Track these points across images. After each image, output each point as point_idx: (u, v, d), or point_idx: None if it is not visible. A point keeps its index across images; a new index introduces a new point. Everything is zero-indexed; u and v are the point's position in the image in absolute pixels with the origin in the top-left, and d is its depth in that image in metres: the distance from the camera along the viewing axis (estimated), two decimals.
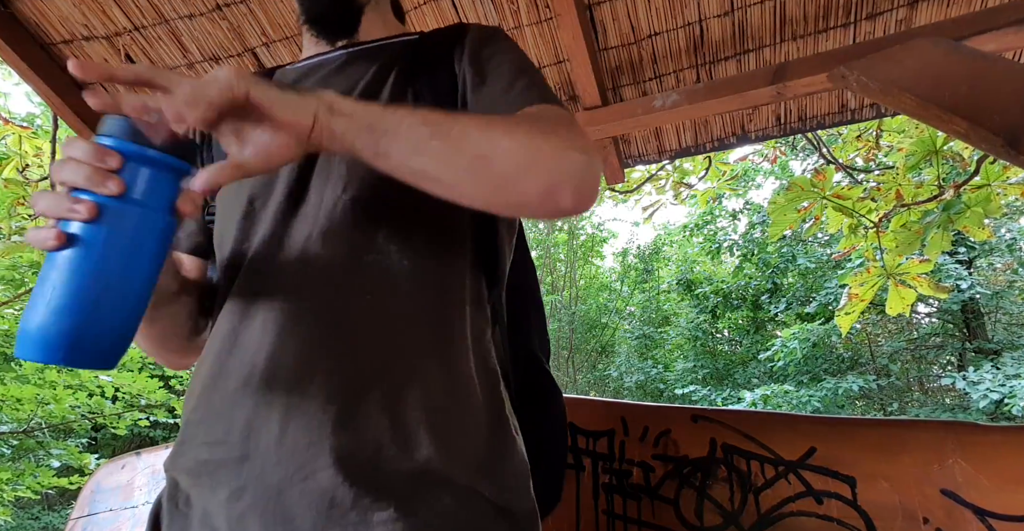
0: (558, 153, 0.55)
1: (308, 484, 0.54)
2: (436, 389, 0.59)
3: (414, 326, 0.61)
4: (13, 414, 4.98)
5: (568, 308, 14.19)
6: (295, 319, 0.60)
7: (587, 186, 0.56)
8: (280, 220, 0.66)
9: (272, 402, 0.57)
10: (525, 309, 0.82)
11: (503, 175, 0.54)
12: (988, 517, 0.96)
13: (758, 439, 1.17)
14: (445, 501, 0.55)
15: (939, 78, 1.12)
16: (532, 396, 0.78)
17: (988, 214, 2.56)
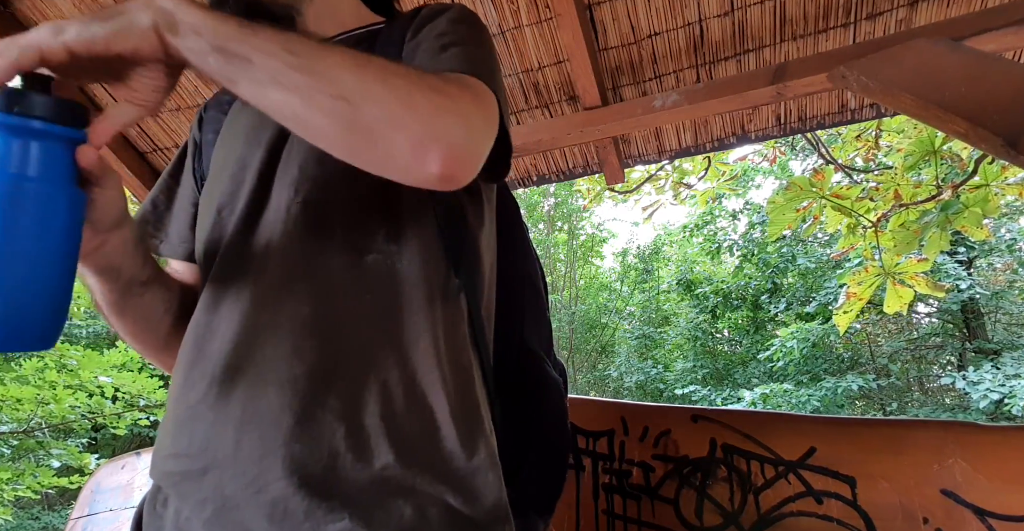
0: (436, 111, 0.50)
1: (262, 496, 0.53)
2: (397, 393, 0.57)
3: (371, 328, 0.59)
4: (13, 414, 4.99)
5: (568, 308, 14.18)
6: (250, 331, 0.60)
7: (462, 154, 0.51)
8: (243, 229, 0.65)
9: (228, 414, 0.57)
10: (519, 298, 0.79)
11: (368, 123, 0.48)
12: (988, 517, 0.96)
13: (758, 439, 1.17)
14: (405, 511, 0.54)
15: (939, 78, 1.12)
16: (523, 389, 0.75)
17: (986, 214, 2.56)
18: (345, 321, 0.59)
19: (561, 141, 1.73)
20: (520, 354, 0.77)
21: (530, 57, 1.71)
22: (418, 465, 0.56)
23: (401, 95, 0.49)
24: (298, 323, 0.59)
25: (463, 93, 0.54)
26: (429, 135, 0.50)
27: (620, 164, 1.99)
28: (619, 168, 2.00)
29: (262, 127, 0.69)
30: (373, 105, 0.48)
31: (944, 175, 2.87)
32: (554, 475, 0.77)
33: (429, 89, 0.51)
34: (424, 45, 0.65)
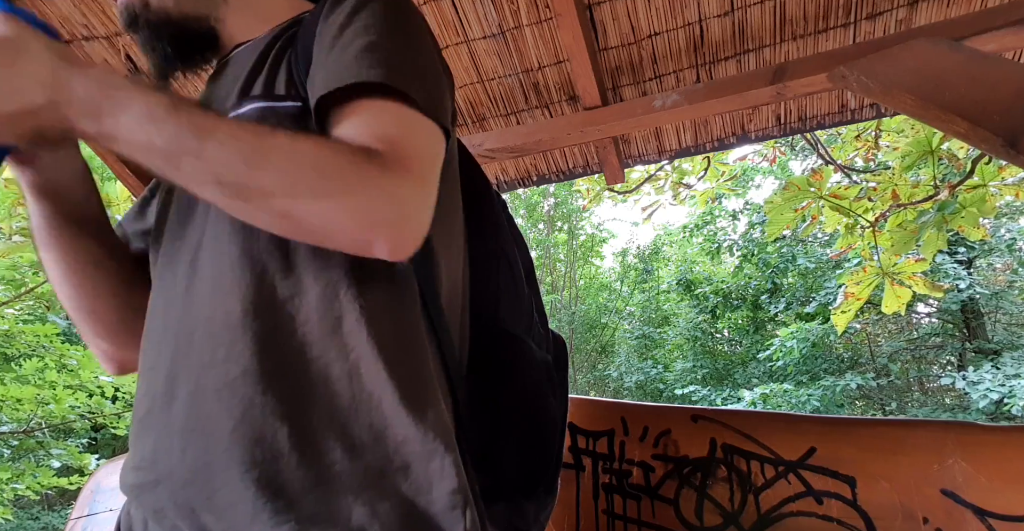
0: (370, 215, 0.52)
1: (212, 503, 0.54)
2: (341, 387, 0.56)
3: (308, 322, 0.57)
4: (13, 414, 4.98)
5: (568, 308, 14.18)
6: (186, 336, 0.60)
7: (405, 238, 0.54)
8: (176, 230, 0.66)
9: (173, 424, 0.57)
10: (493, 276, 0.77)
11: (310, 231, 0.53)
12: (988, 517, 0.96)
13: (758, 439, 1.17)
14: (355, 509, 0.53)
15: (939, 78, 1.12)
16: (499, 371, 0.73)
17: (983, 214, 2.57)
18: (280, 317, 0.58)
19: (561, 141, 1.73)
20: (494, 336, 0.74)
21: (530, 57, 1.71)
22: (367, 459, 0.54)
23: (336, 208, 0.51)
24: (231, 323, 0.57)
25: (387, 174, 0.53)
26: (370, 235, 0.53)
27: (620, 164, 1.99)
28: (619, 168, 2.00)
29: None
30: (312, 220, 0.52)
31: (942, 175, 2.87)
32: (538, 456, 0.75)
33: (357, 191, 0.52)
34: (330, 43, 0.61)
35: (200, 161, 0.49)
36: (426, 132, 0.59)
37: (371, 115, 0.57)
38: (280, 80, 0.65)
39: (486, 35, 1.66)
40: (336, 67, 0.58)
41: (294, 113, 0.62)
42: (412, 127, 0.58)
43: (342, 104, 0.58)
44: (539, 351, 0.78)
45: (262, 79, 0.66)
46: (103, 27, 1.72)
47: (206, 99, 0.76)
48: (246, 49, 0.75)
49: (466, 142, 1.81)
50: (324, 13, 0.65)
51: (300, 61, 0.64)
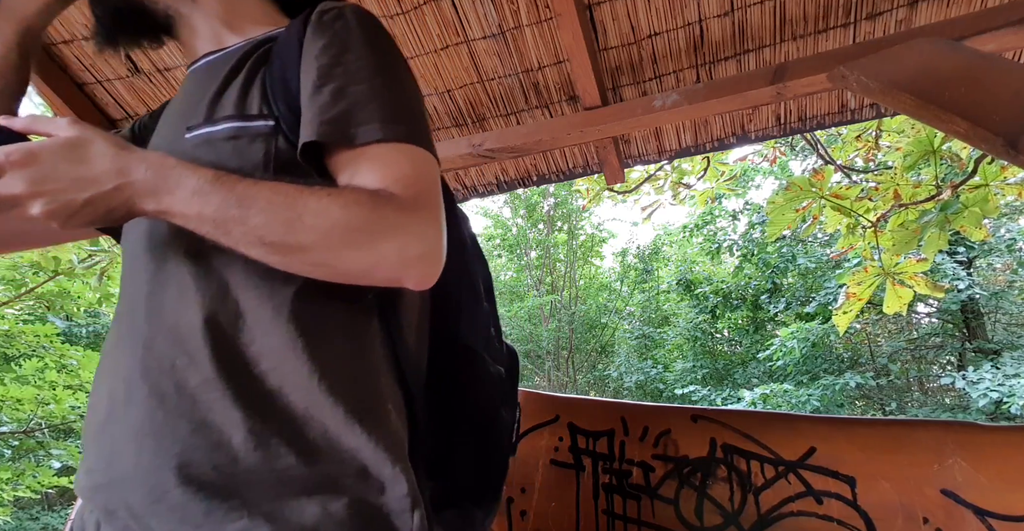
0: (399, 255, 0.58)
1: (162, 505, 0.56)
2: (296, 397, 0.59)
3: (266, 334, 0.61)
4: (13, 414, 4.98)
5: (568, 308, 14.18)
6: (146, 342, 0.62)
7: (431, 268, 0.60)
8: (141, 239, 0.68)
9: (128, 428, 0.60)
10: (455, 293, 0.80)
11: (344, 275, 0.59)
12: (988, 517, 0.96)
13: (758, 439, 1.17)
14: (308, 508, 0.56)
15: (939, 78, 1.12)
16: (455, 384, 0.77)
17: (985, 214, 2.56)
18: (239, 330, 0.61)
19: (561, 141, 1.73)
20: (452, 350, 0.78)
21: (530, 57, 1.71)
22: (321, 464, 0.57)
23: (367, 253, 0.57)
24: (193, 332, 0.60)
25: (407, 215, 0.59)
26: (399, 272, 0.59)
27: (620, 164, 1.99)
28: (619, 168, 2.00)
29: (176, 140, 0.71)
30: (346, 266, 0.58)
31: (943, 175, 2.87)
32: (489, 466, 0.79)
33: (385, 235, 0.58)
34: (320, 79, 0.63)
35: (245, 227, 0.56)
36: (427, 165, 0.64)
37: (381, 159, 0.62)
38: (253, 99, 0.67)
39: (486, 35, 1.66)
40: (337, 112, 0.62)
41: (265, 132, 0.65)
42: (416, 164, 0.63)
43: (346, 147, 0.62)
44: (493, 365, 0.82)
45: (235, 97, 0.68)
46: None
47: (175, 105, 0.78)
48: (216, 60, 0.75)
49: (466, 142, 1.81)
50: (307, 39, 0.67)
51: (276, 81, 0.67)
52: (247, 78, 0.69)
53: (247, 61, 0.71)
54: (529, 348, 13.37)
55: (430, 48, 1.71)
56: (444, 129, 1.94)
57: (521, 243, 14.76)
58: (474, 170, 2.15)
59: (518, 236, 14.69)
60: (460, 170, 2.09)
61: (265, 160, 0.64)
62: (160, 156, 0.58)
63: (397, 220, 0.58)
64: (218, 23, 0.78)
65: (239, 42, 0.76)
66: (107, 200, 0.56)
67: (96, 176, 0.56)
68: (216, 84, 0.70)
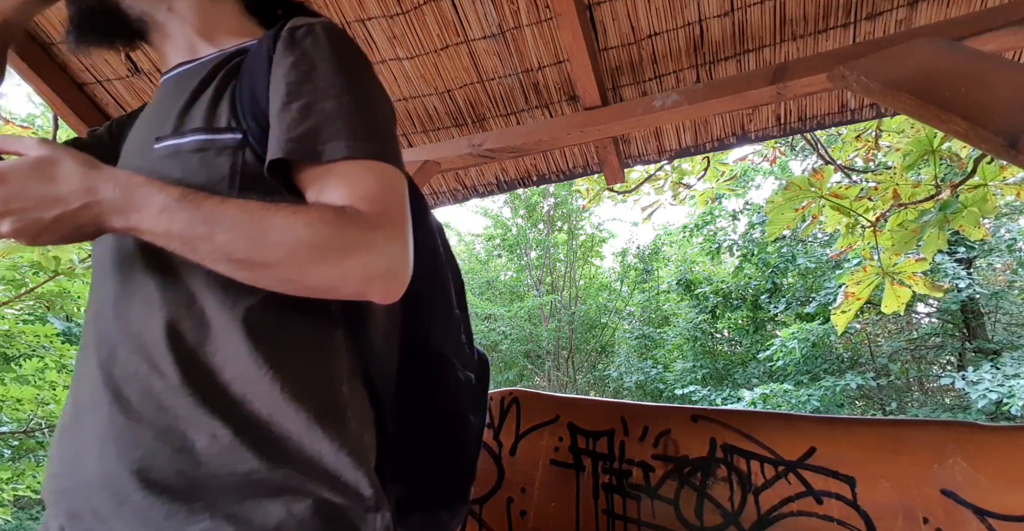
0: (365, 271, 0.60)
1: (125, 508, 0.57)
2: (260, 407, 0.60)
3: (230, 342, 0.62)
4: (13, 414, 4.98)
5: (568, 308, 14.17)
6: (112, 349, 0.63)
7: (397, 282, 0.62)
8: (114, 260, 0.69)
9: (91, 433, 0.61)
10: (427, 300, 0.81)
11: (313, 291, 0.60)
12: (988, 517, 0.96)
13: (758, 439, 1.17)
14: (271, 508, 0.57)
15: (939, 78, 1.12)
16: (426, 390, 0.79)
17: (984, 214, 2.56)
18: (203, 338, 0.62)
19: (561, 141, 1.73)
20: (424, 357, 0.80)
21: (530, 57, 1.71)
22: (286, 467, 0.59)
23: (334, 271, 0.59)
24: (158, 339, 0.61)
25: (373, 232, 0.60)
26: (365, 287, 0.60)
27: (620, 164, 1.99)
28: (619, 168, 2.00)
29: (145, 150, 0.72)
30: (314, 282, 0.59)
31: (943, 175, 2.87)
32: (457, 470, 0.81)
33: (351, 253, 0.59)
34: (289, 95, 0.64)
35: (212, 244, 0.57)
36: (394, 182, 0.65)
37: (347, 176, 0.62)
38: (222, 112, 0.68)
39: (486, 35, 1.66)
40: (304, 129, 0.62)
41: (233, 145, 0.66)
42: (383, 181, 0.64)
43: (313, 164, 0.63)
44: (463, 371, 0.84)
45: (204, 109, 0.69)
46: None
47: (147, 113, 0.78)
48: (189, 71, 0.76)
49: (466, 142, 1.82)
50: (278, 54, 0.67)
51: (245, 95, 0.68)
52: (217, 91, 0.70)
53: (218, 73, 0.72)
54: (529, 348, 13.37)
55: (430, 48, 1.71)
56: (444, 129, 1.94)
57: (521, 243, 14.75)
58: (474, 170, 2.15)
59: (518, 236, 14.68)
60: (460, 170, 2.09)
61: (231, 173, 0.65)
62: (128, 174, 0.60)
63: (362, 237, 0.59)
64: (192, 32, 0.78)
65: (212, 52, 0.77)
66: (75, 218, 0.58)
67: (64, 195, 0.57)
68: (186, 95, 0.71)
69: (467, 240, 15.62)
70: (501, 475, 1.43)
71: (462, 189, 2.23)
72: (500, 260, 15.42)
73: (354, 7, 1.63)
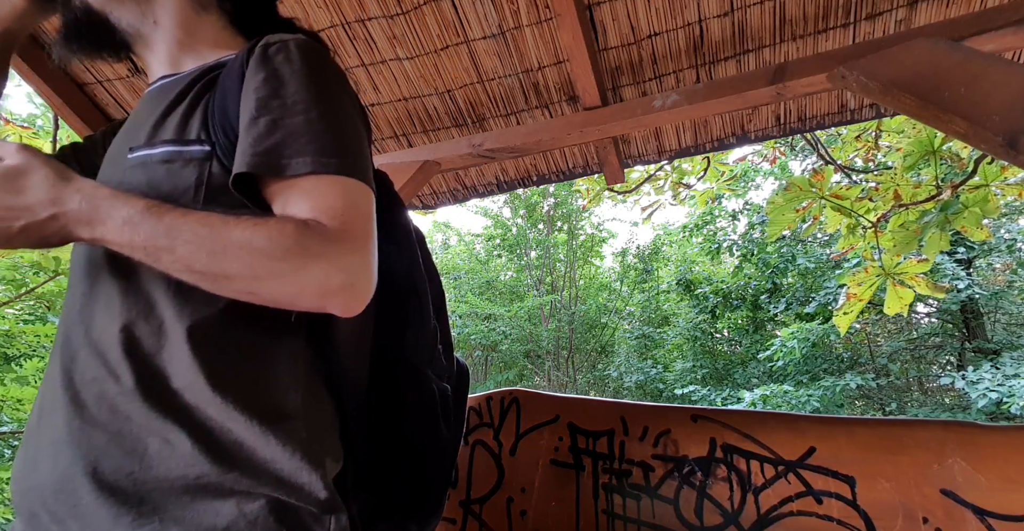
0: (322, 285, 0.59)
1: (77, 509, 0.58)
2: (213, 413, 0.61)
3: (182, 348, 0.62)
4: (13, 414, 4.98)
5: (568, 308, 14.17)
6: (71, 354, 0.65)
7: (357, 297, 0.62)
8: (84, 265, 0.70)
9: (49, 436, 0.62)
10: (401, 311, 0.83)
11: (272, 302, 0.60)
12: (987, 517, 0.96)
13: (758, 439, 1.17)
14: (222, 509, 0.57)
15: (939, 78, 1.12)
16: (398, 401, 0.79)
17: (985, 214, 2.56)
18: (159, 344, 0.63)
19: (561, 141, 1.74)
20: (396, 367, 0.80)
21: (530, 57, 1.71)
22: (237, 471, 0.59)
23: (291, 285, 0.59)
24: (114, 345, 0.62)
25: (334, 246, 0.60)
26: (324, 302, 0.60)
27: (620, 164, 1.99)
28: (619, 168, 2.00)
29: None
30: (272, 294, 0.59)
31: (944, 175, 2.86)
32: (424, 479, 0.81)
33: (309, 267, 0.59)
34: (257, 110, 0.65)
35: (173, 256, 0.58)
36: (359, 197, 0.65)
37: (311, 190, 0.63)
38: (193, 124, 0.69)
39: (486, 35, 1.66)
40: (270, 144, 0.63)
41: (200, 157, 0.67)
42: (347, 196, 0.64)
43: (278, 178, 0.64)
44: (436, 381, 0.84)
45: (176, 121, 0.70)
46: None
47: (126, 125, 0.80)
48: (168, 84, 0.78)
49: (466, 142, 1.82)
50: (250, 70, 0.68)
51: (216, 108, 0.69)
52: (191, 103, 0.71)
53: (195, 86, 0.73)
54: (529, 348, 13.37)
55: (430, 48, 1.71)
56: (444, 129, 1.94)
57: (521, 243, 14.76)
58: (474, 170, 2.15)
59: (518, 236, 14.68)
60: (460, 170, 2.09)
61: (197, 184, 0.66)
62: (94, 186, 0.61)
63: (320, 250, 0.60)
64: (175, 46, 0.80)
65: (192, 67, 0.78)
66: (41, 228, 0.60)
67: (30, 205, 0.59)
68: (162, 107, 0.72)
69: (467, 240, 15.62)
70: (501, 475, 1.43)
71: (462, 189, 2.23)
72: (500, 260, 15.41)
73: (354, 7, 1.63)
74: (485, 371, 13.71)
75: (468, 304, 12.88)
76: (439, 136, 1.95)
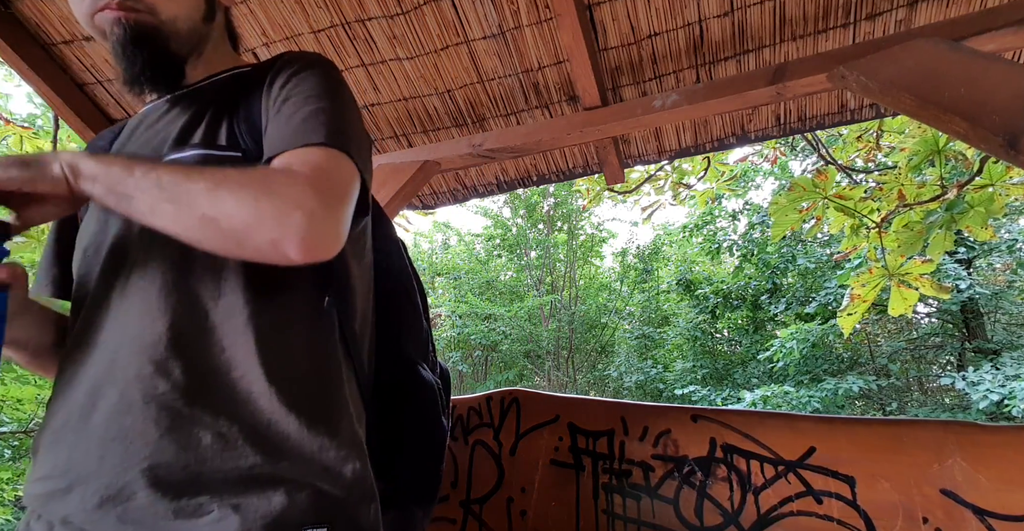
0: (280, 213, 0.59)
1: (129, 504, 0.59)
2: (262, 403, 0.63)
3: (235, 346, 0.64)
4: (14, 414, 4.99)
5: (568, 308, 14.16)
6: (111, 354, 0.65)
7: (314, 240, 0.61)
8: (109, 259, 0.71)
9: (90, 433, 0.62)
10: (397, 311, 0.88)
11: (230, 232, 0.59)
12: (988, 517, 0.96)
13: (758, 439, 1.17)
14: (274, 498, 0.60)
15: (939, 78, 1.12)
16: (399, 393, 0.85)
17: (991, 214, 2.55)
18: (208, 340, 0.64)
19: (561, 141, 1.74)
20: (397, 362, 0.86)
21: (530, 57, 1.71)
22: (287, 461, 0.62)
23: (249, 208, 0.59)
24: (160, 342, 0.63)
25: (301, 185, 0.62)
26: (279, 233, 0.60)
27: (620, 164, 1.99)
28: (619, 168, 2.00)
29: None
30: (229, 220, 0.59)
31: (948, 174, 2.85)
32: (429, 470, 0.87)
33: (269, 194, 0.60)
34: (278, 107, 0.72)
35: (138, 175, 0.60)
36: (348, 173, 0.67)
37: (308, 153, 0.66)
38: (221, 134, 0.73)
39: (486, 35, 1.66)
40: (286, 131, 0.68)
41: (231, 160, 0.71)
42: (337, 161, 0.67)
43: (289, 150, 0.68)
44: (430, 374, 0.90)
45: (202, 130, 0.74)
46: None
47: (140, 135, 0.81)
48: (185, 96, 0.81)
49: (466, 142, 1.82)
50: (268, 85, 0.75)
51: (241, 117, 0.75)
52: (214, 117, 0.75)
53: (211, 102, 0.78)
54: (529, 348, 13.36)
55: (430, 48, 1.71)
56: (444, 129, 1.94)
57: (521, 243, 14.75)
58: (474, 170, 2.15)
59: (518, 236, 14.68)
60: (460, 170, 2.09)
61: None
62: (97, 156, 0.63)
63: (283, 186, 0.61)
64: (203, 61, 0.84)
65: (201, 78, 0.83)
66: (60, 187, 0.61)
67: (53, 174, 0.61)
68: (183, 119, 0.76)
69: (467, 240, 15.61)
70: (501, 475, 1.43)
71: (462, 189, 2.23)
72: (500, 260, 15.41)
73: (354, 7, 1.63)
74: (485, 371, 13.70)
75: (468, 304, 12.87)
76: (439, 136, 1.95)
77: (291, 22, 1.67)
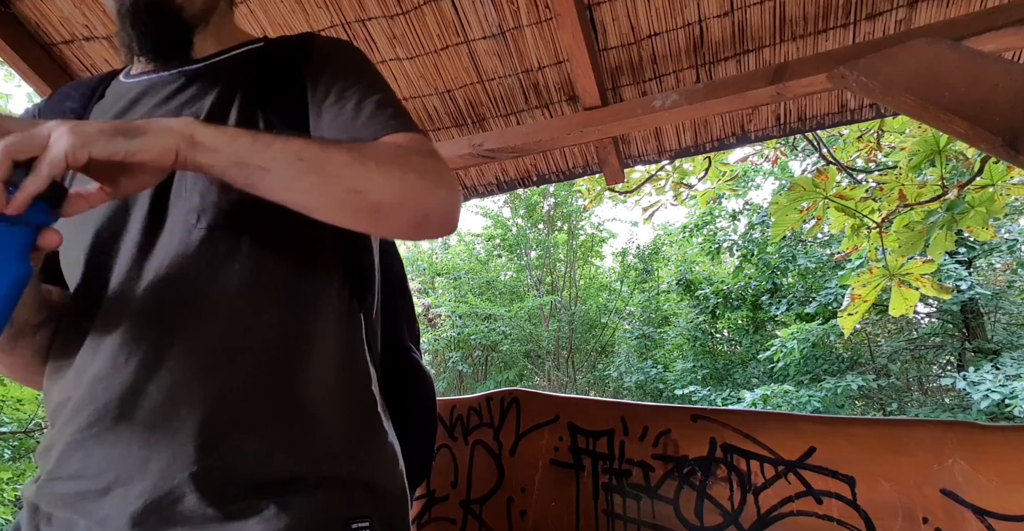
0: (428, 190, 0.61)
1: (178, 507, 0.57)
2: (309, 409, 0.64)
3: (279, 349, 0.64)
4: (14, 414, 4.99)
5: (568, 308, 14.16)
6: (154, 353, 0.61)
7: (451, 217, 0.65)
8: (137, 254, 0.65)
9: (130, 436, 0.59)
10: (393, 299, 0.89)
11: (376, 207, 0.59)
12: (988, 517, 0.96)
13: (758, 439, 1.17)
14: (319, 496, 0.61)
15: (939, 78, 1.12)
16: (400, 380, 0.87)
17: (992, 214, 2.55)
18: (254, 343, 0.64)
19: (561, 141, 1.73)
20: (397, 350, 0.88)
21: (530, 57, 1.71)
22: (332, 462, 0.64)
23: (399, 181, 0.60)
24: (208, 345, 0.62)
25: (429, 162, 0.64)
26: (426, 211, 0.62)
27: (620, 164, 1.99)
28: (619, 168, 2.00)
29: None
30: (377, 193, 0.59)
31: (949, 174, 2.85)
32: (425, 455, 0.91)
33: (414, 171, 0.61)
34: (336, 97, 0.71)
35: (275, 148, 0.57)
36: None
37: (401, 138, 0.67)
38: (258, 120, 0.72)
39: (486, 35, 1.66)
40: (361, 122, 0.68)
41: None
42: (431, 145, 0.70)
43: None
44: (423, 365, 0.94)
45: (234, 115, 0.71)
46: (103, 27, 1.72)
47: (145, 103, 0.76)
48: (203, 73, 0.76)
49: (466, 142, 1.82)
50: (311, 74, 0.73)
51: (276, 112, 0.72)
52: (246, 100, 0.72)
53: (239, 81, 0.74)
54: (529, 348, 13.37)
55: (430, 48, 1.71)
56: (444, 129, 1.94)
57: (521, 243, 14.75)
58: (474, 170, 2.15)
59: (518, 236, 14.67)
60: (460, 170, 2.09)
61: None
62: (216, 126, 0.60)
63: (423, 164, 0.62)
64: (212, 33, 0.80)
65: (213, 52, 0.79)
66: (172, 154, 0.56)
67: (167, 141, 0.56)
68: (209, 101, 0.72)
69: (467, 240, 15.61)
70: (501, 475, 1.43)
71: (462, 189, 2.23)
72: (500, 260, 15.41)
73: (354, 7, 1.63)
74: (485, 371, 13.70)
75: (468, 304, 12.87)
76: (439, 136, 1.95)
77: (291, 22, 1.67)
